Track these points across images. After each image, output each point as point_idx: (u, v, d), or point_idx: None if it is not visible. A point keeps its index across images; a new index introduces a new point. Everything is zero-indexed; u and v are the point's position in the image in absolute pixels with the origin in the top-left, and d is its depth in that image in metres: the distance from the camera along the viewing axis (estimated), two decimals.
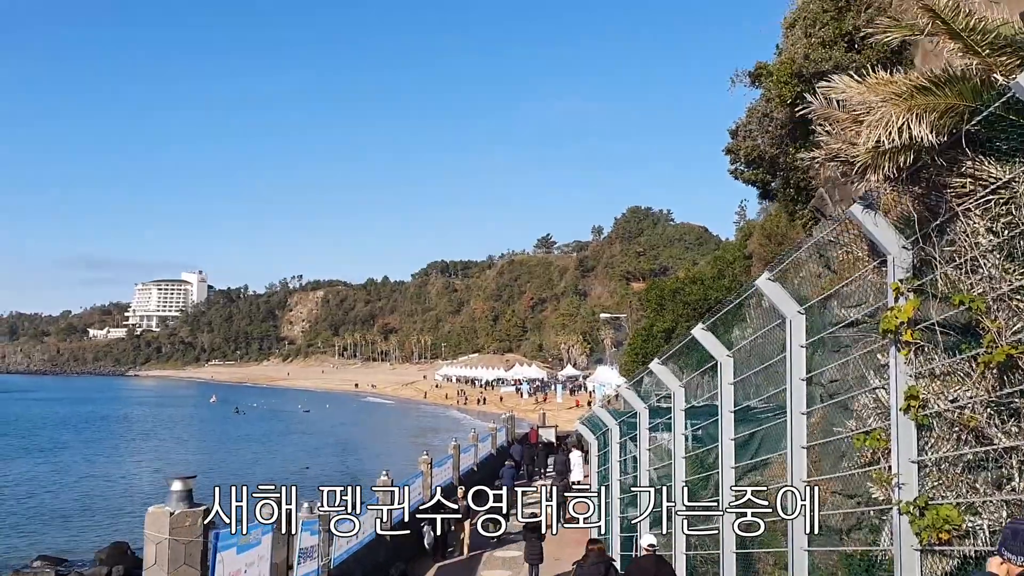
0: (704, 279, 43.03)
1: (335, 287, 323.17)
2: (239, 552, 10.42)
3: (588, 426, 16.45)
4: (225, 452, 68.55)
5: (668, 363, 11.39)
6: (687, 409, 12.79)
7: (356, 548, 18.34)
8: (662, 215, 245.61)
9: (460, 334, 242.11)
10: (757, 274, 11.39)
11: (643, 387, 18.98)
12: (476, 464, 34.72)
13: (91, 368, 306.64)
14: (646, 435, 12.32)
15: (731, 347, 10.38)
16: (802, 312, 8.13)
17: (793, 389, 8.10)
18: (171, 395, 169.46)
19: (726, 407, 9.35)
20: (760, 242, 38.70)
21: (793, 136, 19.56)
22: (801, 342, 8.15)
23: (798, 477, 7.87)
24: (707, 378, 13.48)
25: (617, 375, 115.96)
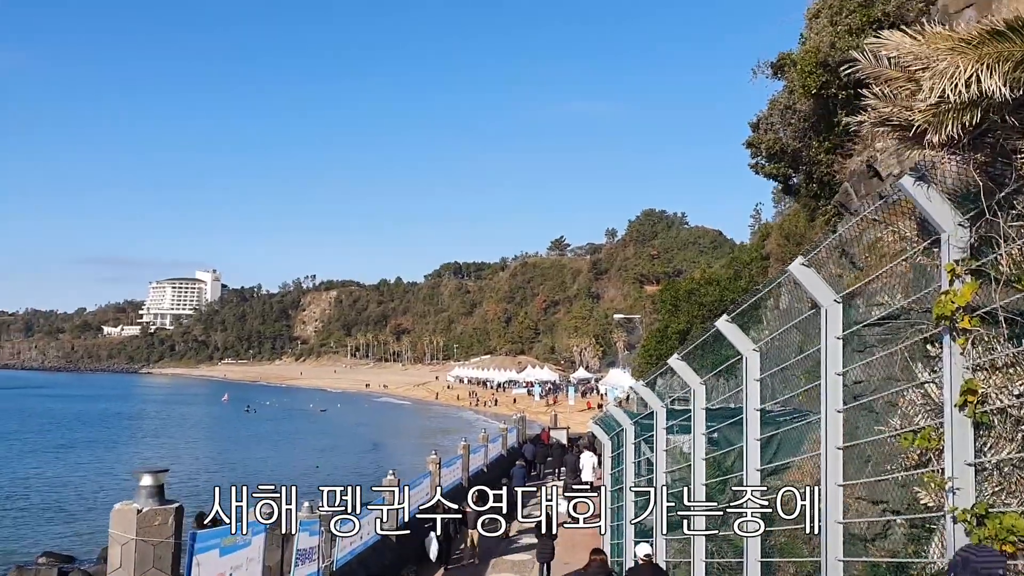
0: (720, 280, 42.26)
1: (348, 287, 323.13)
2: (223, 554, 9.66)
3: (602, 426, 15.79)
4: (235, 451, 68.21)
5: (686, 361, 10.76)
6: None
7: (360, 549, 17.75)
8: (676, 218, 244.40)
9: (472, 335, 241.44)
10: (775, 275, 10.79)
11: (657, 388, 18.37)
12: (486, 465, 34.11)
13: (105, 365, 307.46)
14: (663, 435, 11.67)
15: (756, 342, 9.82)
16: (839, 301, 7.39)
17: (828, 385, 7.33)
18: (184, 393, 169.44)
19: (751, 404, 8.70)
20: (778, 242, 37.96)
21: (817, 129, 18.90)
22: (837, 333, 7.41)
23: (833, 480, 7.17)
24: (722, 380, 12.86)
25: (630, 377, 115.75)
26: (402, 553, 20.54)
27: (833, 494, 7.32)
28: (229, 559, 9.83)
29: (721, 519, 15.65)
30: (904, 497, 9.70)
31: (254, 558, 10.33)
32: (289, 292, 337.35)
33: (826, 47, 16.33)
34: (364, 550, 17.99)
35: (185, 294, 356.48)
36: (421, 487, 23.86)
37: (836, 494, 7.33)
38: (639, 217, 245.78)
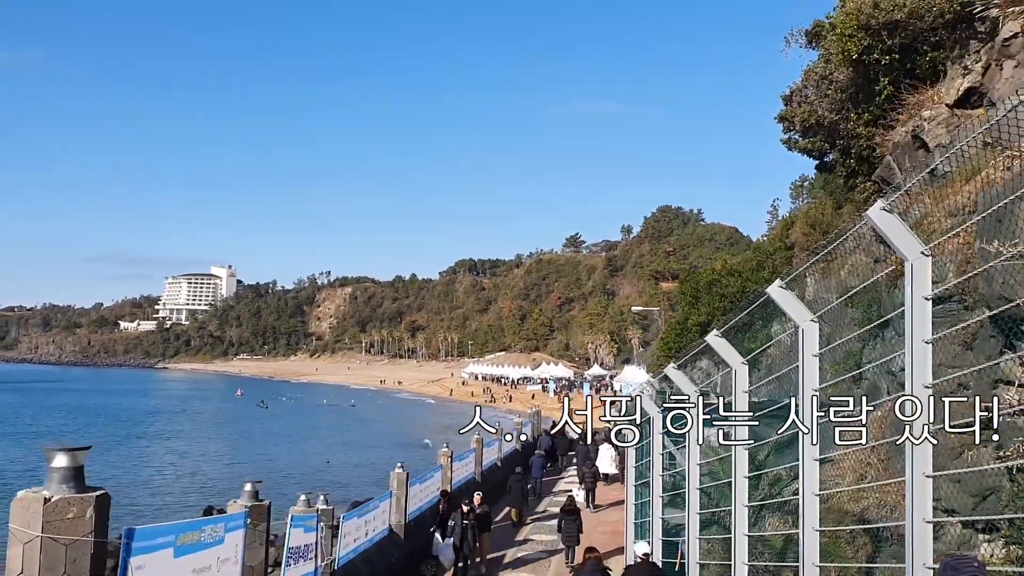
0: (742, 271, 40.87)
1: (363, 284, 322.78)
2: (180, 554, 8.06)
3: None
4: (247, 445, 67.36)
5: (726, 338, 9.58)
6: None
7: (365, 546, 16.62)
8: (692, 215, 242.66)
9: (487, 332, 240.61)
10: (800, 266, 9.70)
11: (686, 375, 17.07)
12: (500, 459, 32.98)
13: (121, 360, 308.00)
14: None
15: None
16: (927, 254, 6.11)
17: (916, 355, 6.03)
18: (200, 388, 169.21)
19: (808, 383, 7.52)
20: (803, 231, 36.59)
21: (855, 100, 17.64)
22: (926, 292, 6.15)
23: (920, 472, 5.94)
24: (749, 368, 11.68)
25: (645, 374, 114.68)
26: (410, 550, 19.39)
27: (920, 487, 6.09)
28: (190, 560, 8.31)
29: (755, 517, 14.39)
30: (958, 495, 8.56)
31: (229, 558, 9.09)
32: (304, 288, 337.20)
33: (868, 7, 15.08)
34: (369, 547, 16.87)
35: (200, 290, 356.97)
36: (432, 481, 22.76)
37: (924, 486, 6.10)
38: (655, 214, 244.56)
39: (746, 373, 9.31)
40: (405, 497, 19.44)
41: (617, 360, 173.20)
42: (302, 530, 11.56)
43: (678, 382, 10.85)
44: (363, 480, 43.25)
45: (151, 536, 7.77)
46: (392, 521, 18.86)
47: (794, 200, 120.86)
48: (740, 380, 8.77)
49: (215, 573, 8.83)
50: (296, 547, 11.24)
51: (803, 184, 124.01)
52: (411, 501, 20.16)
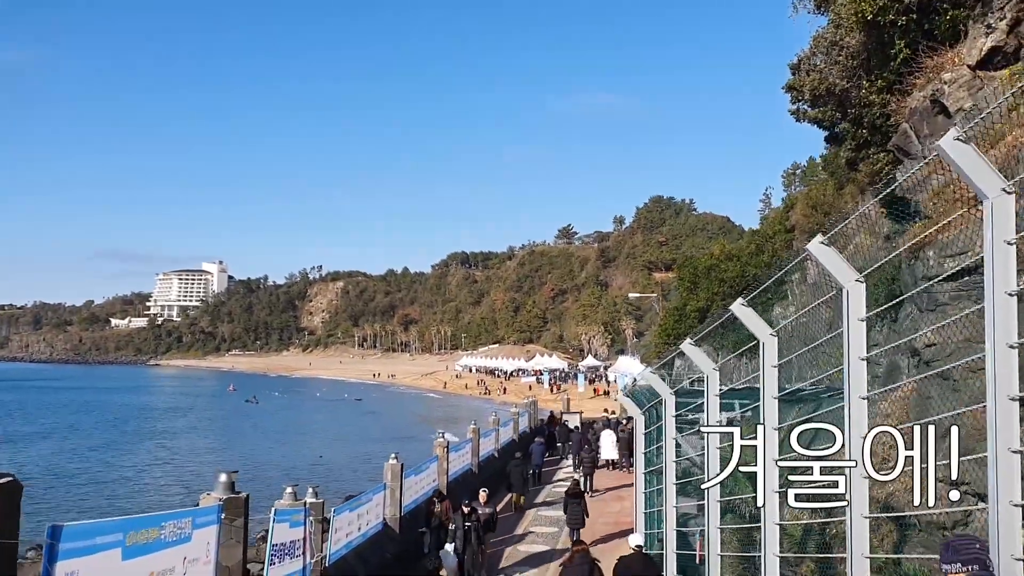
0: (740, 256, 40.09)
1: (355, 278, 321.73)
2: (132, 555, 6.78)
3: (633, 400, 13.74)
4: (239, 441, 66.38)
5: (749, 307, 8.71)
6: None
7: (358, 542, 15.74)
8: (684, 205, 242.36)
9: (480, 325, 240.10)
10: (801, 248, 9.18)
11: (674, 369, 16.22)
12: (497, 450, 32.08)
13: (113, 357, 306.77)
14: (715, 404, 9.66)
15: None
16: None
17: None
18: (191, 384, 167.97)
19: (855, 351, 6.68)
20: (804, 213, 35.87)
21: (868, 66, 16.78)
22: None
23: None
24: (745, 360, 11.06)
25: (639, 364, 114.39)
26: (405, 545, 18.51)
27: None
28: (145, 562, 7.02)
29: None
30: None
31: (199, 558, 7.96)
32: (296, 283, 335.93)
33: None
34: (363, 542, 15.98)
35: (192, 286, 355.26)
36: (428, 472, 21.90)
37: None
38: (647, 204, 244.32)
39: (775, 345, 8.43)
40: (400, 489, 18.57)
41: (611, 351, 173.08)
42: (288, 525, 10.65)
43: (695, 359, 9.92)
44: (357, 475, 42.35)
45: (87, 535, 6.38)
46: (387, 515, 17.98)
47: (786, 188, 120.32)
48: (769, 353, 7.91)
49: (181, 573, 7.68)
50: (281, 544, 10.32)
51: (795, 172, 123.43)
52: (407, 493, 19.29)
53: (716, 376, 9.71)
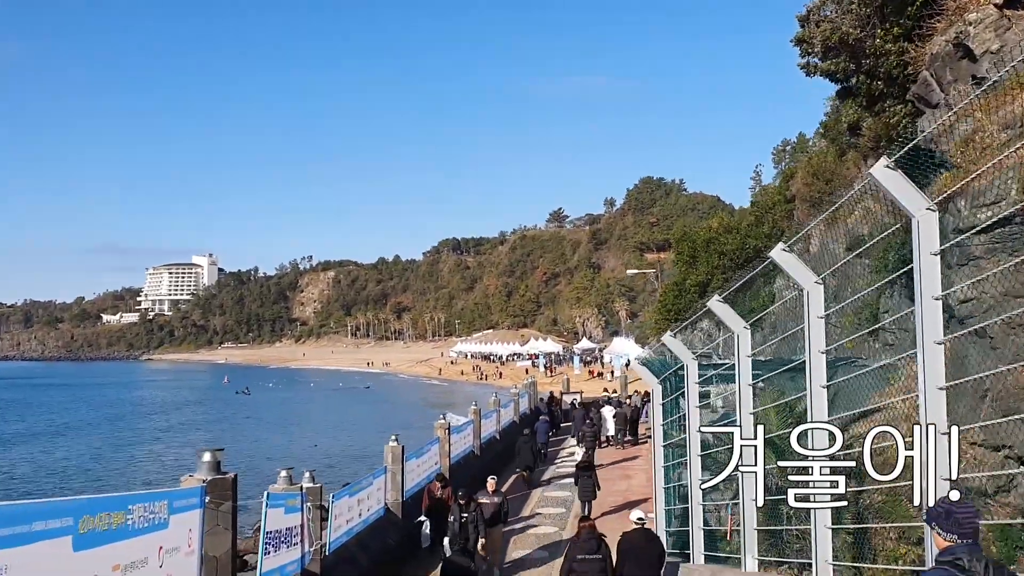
0: (740, 228, 39.24)
1: (346, 267, 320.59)
2: (86, 545, 5.64)
3: (649, 368, 12.88)
4: (233, 431, 65.53)
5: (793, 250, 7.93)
6: None
7: (359, 528, 14.90)
8: (674, 185, 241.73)
9: (474, 311, 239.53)
10: (802, 218, 9.08)
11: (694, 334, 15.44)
12: (499, 431, 31.27)
13: (105, 353, 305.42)
14: (748, 365, 8.85)
15: None
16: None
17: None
18: (185, 377, 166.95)
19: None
20: (805, 181, 34.95)
21: (883, 14, 15.90)
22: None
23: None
24: None
25: (634, 345, 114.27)
26: (408, 530, 17.68)
27: None
28: (105, 552, 5.89)
29: None
30: None
31: (178, 547, 7.02)
32: (286, 274, 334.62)
33: None
34: (364, 529, 15.14)
35: (182, 279, 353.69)
36: (429, 455, 21.08)
37: None
38: (637, 185, 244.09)
39: (821, 294, 7.72)
40: (401, 473, 17.74)
41: (605, 333, 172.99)
42: (283, 511, 9.79)
43: (724, 317, 9.37)
44: (358, 463, 41.43)
45: (18, 519, 5.04)
46: (388, 499, 17.16)
47: (776, 165, 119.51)
48: (815, 301, 7.20)
49: (156, 568, 6.59)
50: (276, 531, 9.47)
51: (785, 148, 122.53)
52: (408, 477, 18.47)
53: (747, 336, 8.88)
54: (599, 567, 11.09)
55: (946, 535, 4.60)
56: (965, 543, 4.57)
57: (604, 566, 11.12)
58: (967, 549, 4.55)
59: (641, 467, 29.00)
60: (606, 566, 11.14)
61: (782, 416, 12.73)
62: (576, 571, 11.13)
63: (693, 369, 10.45)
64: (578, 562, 11.15)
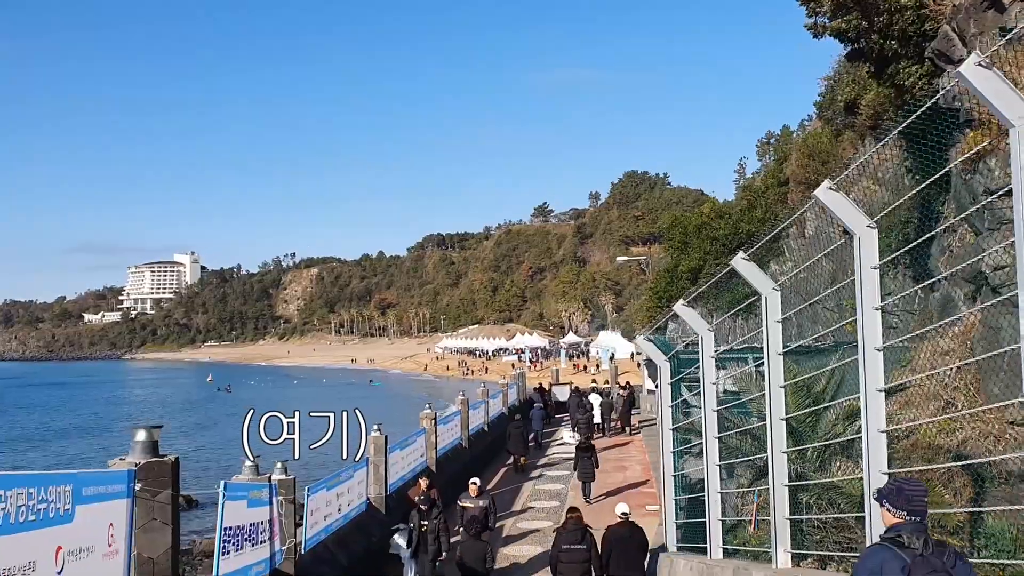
0: (732, 213, 38.23)
1: (329, 264, 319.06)
2: None
3: (657, 344, 11.69)
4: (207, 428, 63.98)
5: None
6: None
7: (339, 524, 13.71)
8: (659, 179, 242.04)
9: (459, 306, 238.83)
10: (796, 201, 8.81)
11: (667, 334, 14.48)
12: (487, 423, 30.07)
13: (87, 353, 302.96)
14: (777, 330, 7.76)
15: None
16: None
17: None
18: (168, 376, 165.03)
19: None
20: (800, 163, 33.96)
21: None
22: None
23: None
24: None
25: (620, 338, 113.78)
26: (393, 528, 16.47)
27: None
28: None
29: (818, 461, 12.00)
30: None
31: (92, 545, 5.59)
32: (269, 271, 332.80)
33: None
34: (344, 525, 13.95)
35: (164, 278, 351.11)
36: (414, 447, 19.90)
37: None
38: (621, 179, 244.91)
39: (777, 300, 7.93)
40: (384, 465, 16.54)
41: (591, 327, 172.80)
42: (244, 504, 8.56)
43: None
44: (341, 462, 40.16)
45: None
46: (371, 494, 15.94)
47: (760, 157, 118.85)
48: (868, 247, 6.10)
49: (53, 571, 5.13)
50: (237, 527, 8.22)
51: (769, 141, 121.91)
52: (392, 470, 17.30)
53: (777, 298, 7.82)
54: (583, 556, 11.54)
55: (896, 511, 4.67)
56: (912, 520, 4.64)
57: (588, 556, 11.57)
58: (912, 527, 4.60)
59: (635, 457, 28.01)
60: (590, 555, 11.59)
61: (797, 397, 11.63)
62: (562, 560, 11.58)
63: (708, 341, 9.34)
64: (564, 551, 11.60)
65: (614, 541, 11.75)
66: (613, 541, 11.76)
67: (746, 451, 11.52)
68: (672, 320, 14.80)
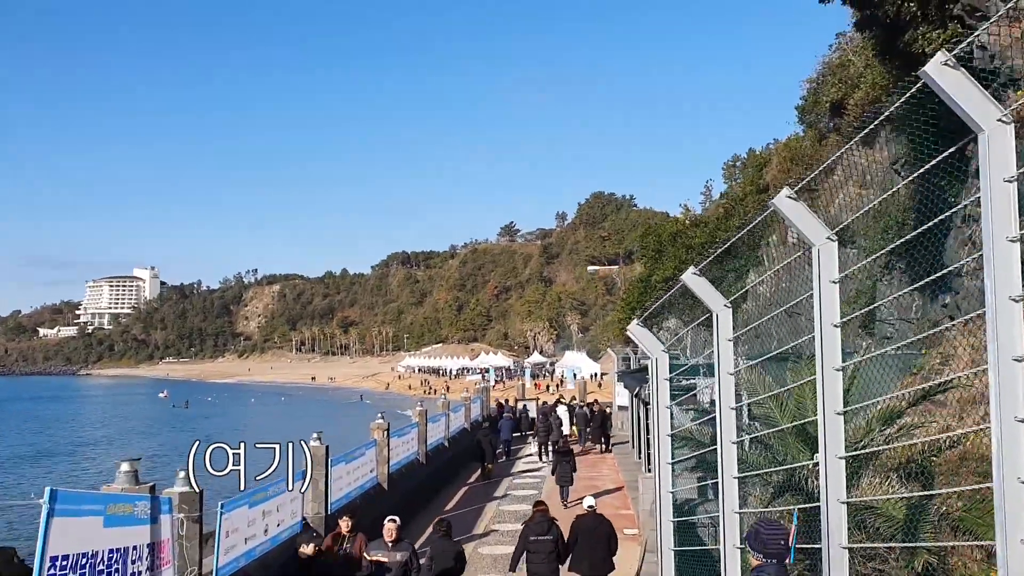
0: (709, 221, 36.53)
1: (292, 281, 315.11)
2: None
3: (652, 331, 9.65)
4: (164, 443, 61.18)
5: None
6: None
7: (264, 548, 11.48)
8: (625, 201, 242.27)
9: (423, 325, 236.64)
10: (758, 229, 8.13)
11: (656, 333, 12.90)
12: (447, 439, 27.85)
13: (41, 368, 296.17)
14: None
15: None
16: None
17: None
18: (122, 392, 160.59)
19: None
20: (781, 168, 32.39)
21: None
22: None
23: None
24: None
25: (586, 358, 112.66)
26: None
27: None
28: None
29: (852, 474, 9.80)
30: None
31: None
32: (230, 287, 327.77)
33: None
34: (272, 549, 11.72)
35: (123, 293, 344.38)
36: (362, 460, 17.67)
37: None
38: (588, 200, 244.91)
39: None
40: (325, 480, 14.34)
41: (556, 347, 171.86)
42: (100, 522, 6.34)
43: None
44: None
45: None
46: (307, 512, 13.73)
47: (727, 180, 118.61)
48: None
49: None
50: (82, 556, 5.97)
51: (735, 164, 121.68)
52: (335, 485, 15.09)
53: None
54: (550, 547, 12.06)
55: (755, 555, 4.89)
56: (770, 563, 4.82)
57: (555, 547, 12.09)
58: (771, 569, 4.80)
59: (607, 476, 26.08)
60: (556, 546, 12.10)
61: (779, 407, 10.06)
62: (530, 550, 12.06)
63: (725, 319, 7.45)
64: (531, 542, 12.08)
65: (581, 531, 12.40)
66: (580, 531, 12.41)
67: (758, 463, 9.59)
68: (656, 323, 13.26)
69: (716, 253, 7.96)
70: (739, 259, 29.51)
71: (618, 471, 26.44)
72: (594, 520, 12.60)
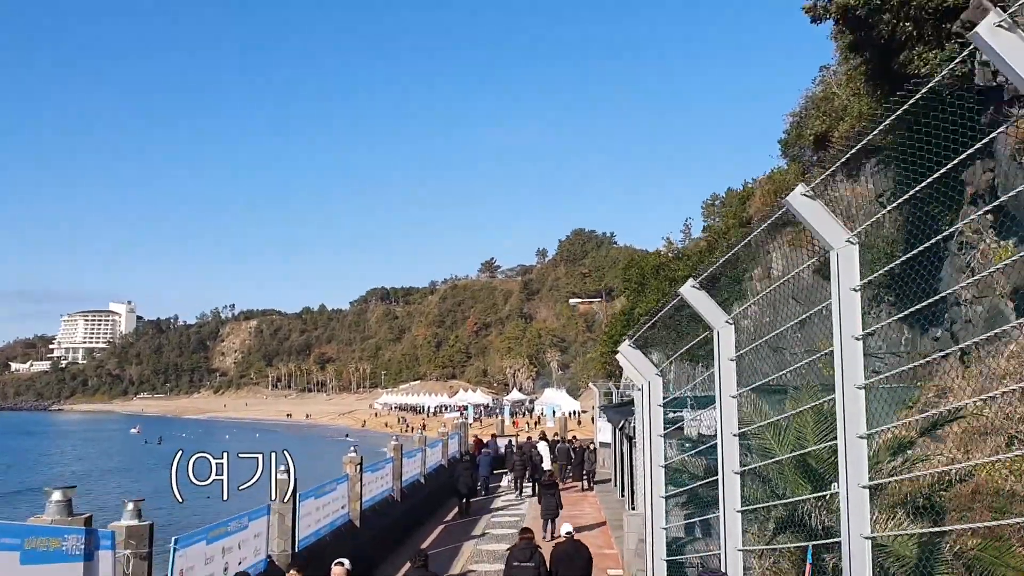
0: (691, 254, 36.10)
1: (269, 316, 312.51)
2: None
3: (643, 353, 8.92)
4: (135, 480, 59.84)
5: None
6: None
7: None
8: (605, 238, 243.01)
9: (401, 361, 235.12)
10: (760, 241, 8.69)
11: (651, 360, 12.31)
12: (424, 475, 27.00)
13: (11, 403, 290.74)
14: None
15: None
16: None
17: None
18: (94, 429, 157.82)
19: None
20: (765, 201, 32.03)
21: None
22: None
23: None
24: None
25: (565, 396, 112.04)
26: None
27: None
28: None
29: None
30: None
31: None
32: (207, 323, 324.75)
33: None
34: None
35: (98, 327, 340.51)
36: (333, 495, 16.83)
37: None
38: (569, 237, 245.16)
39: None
40: (293, 515, 13.53)
41: (536, 384, 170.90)
42: (16, 558, 5.56)
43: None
44: None
45: None
46: (273, 550, 12.91)
47: (706, 219, 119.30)
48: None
49: None
50: None
51: (714, 202, 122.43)
52: (304, 521, 14.27)
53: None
54: (531, 573, 12.41)
55: None
56: None
57: (536, 572, 12.42)
58: None
59: (588, 514, 25.29)
60: (538, 572, 12.44)
61: (777, 438, 9.47)
62: None
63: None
64: (514, 568, 12.50)
65: (560, 557, 12.90)
66: (559, 557, 12.90)
67: (755, 498, 8.95)
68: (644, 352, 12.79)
69: (719, 262, 7.73)
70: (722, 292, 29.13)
71: (600, 509, 25.68)
72: (572, 546, 13.11)
